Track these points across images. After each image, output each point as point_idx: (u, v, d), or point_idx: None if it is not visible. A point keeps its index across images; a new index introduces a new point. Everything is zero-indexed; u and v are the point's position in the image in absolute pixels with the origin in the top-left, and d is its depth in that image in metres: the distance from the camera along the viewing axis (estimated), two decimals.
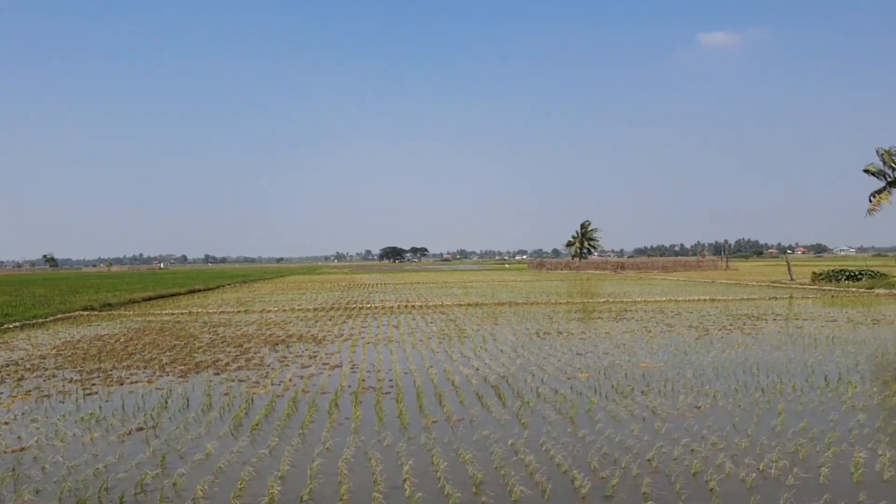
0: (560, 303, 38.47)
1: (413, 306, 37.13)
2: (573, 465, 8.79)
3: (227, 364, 17.89)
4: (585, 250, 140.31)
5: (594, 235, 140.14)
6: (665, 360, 17.33)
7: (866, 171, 58.08)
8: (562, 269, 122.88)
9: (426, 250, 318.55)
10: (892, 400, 12.25)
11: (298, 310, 36.00)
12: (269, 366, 17.52)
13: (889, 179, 56.63)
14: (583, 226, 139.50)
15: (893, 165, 55.79)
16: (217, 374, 16.53)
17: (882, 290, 44.56)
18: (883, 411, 11.41)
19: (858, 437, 9.85)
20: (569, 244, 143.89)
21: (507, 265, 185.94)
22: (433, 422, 11.30)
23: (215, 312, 35.39)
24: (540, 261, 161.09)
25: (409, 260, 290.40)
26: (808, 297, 40.42)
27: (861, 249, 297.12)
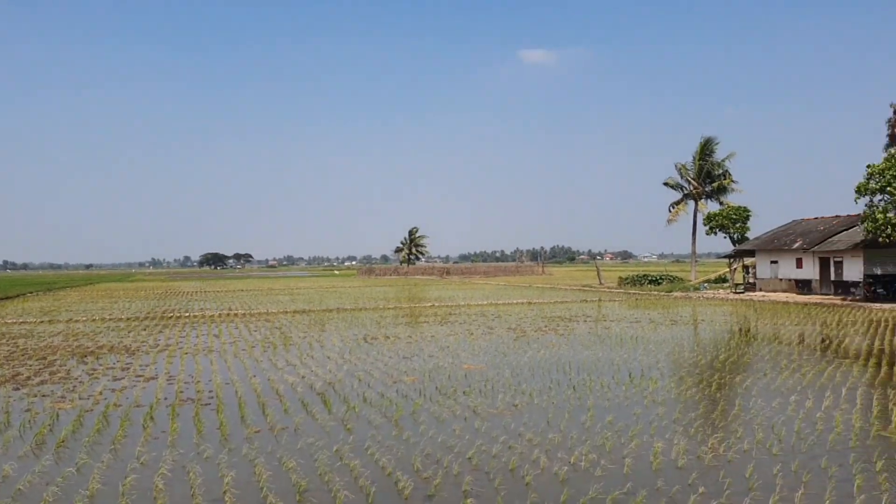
0: (388, 308, 38.78)
1: (236, 314, 35.96)
2: (397, 468, 8.91)
3: (29, 378, 16.48)
4: (413, 256, 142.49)
5: (422, 242, 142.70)
6: (486, 361, 17.98)
7: (666, 184, 63.44)
8: (391, 275, 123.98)
9: (251, 256, 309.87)
10: (686, 393, 13.46)
11: (110, 319, 33.74)
12: (76, 379, 16.31)
13: (685, 192, 62.17)
14: (411, 233, 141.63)
15: (689, 179, 61.31)
16: (17, 388, 15.19)
17: (679, 293, 48.79)
18: (679, 404, 12.51)
19: (658, 429, 10.74)
20: (397, 250, 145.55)
21: (336, 271, 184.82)
22: (256, 432, 11.03)
23: (14, 323, 32.39)
24: (369, 267, 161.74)
25: (232, 267, 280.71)
26: (615, 300, 43.43)
27: (662, 256, 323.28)
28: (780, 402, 12.53)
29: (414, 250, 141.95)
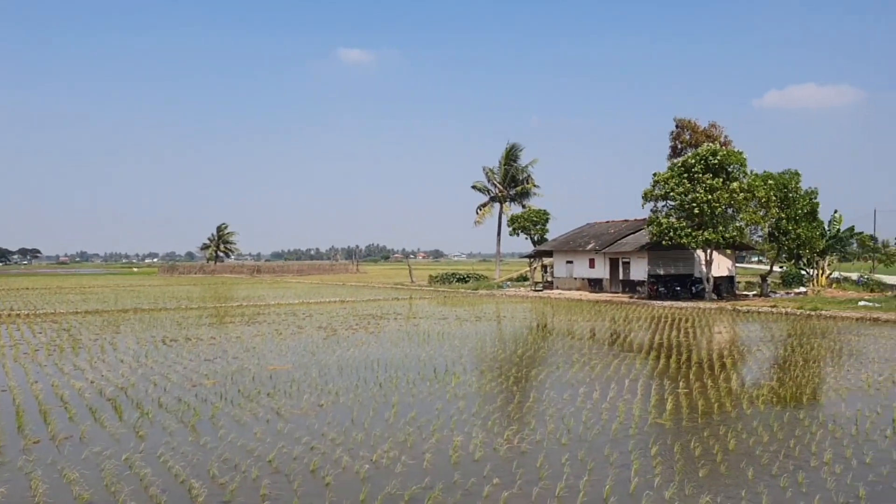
0: (191, 308, 37.03)
1: (18, 315, 32.76)
2: (192, 474, 8.52)
3: None
4: (222, 254, 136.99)
5: (231, 238, 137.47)
6: (293, 361, 17.68)
7: (474, 187, 65.75)
8: (196, 273, 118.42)
9: (39, 252, 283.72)
10: (486, 388, 14.00)
11: None
12: None
13: (492, 195, 64.78)
14: (219, 228, 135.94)
15: (496, 183, 63.94)
16: None
17: (484, 291, 50.74)
18: (479, 398, 12.99)
19: (458, 423, 11.08)
20: (204, 247, 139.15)
21: (135, 269, 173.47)
22: (35, 442, 10.12)
23: None
24: (172, 264, 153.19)
25: (16, 262, 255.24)
26: (425, 298, 44.37)
27: (471, 255, 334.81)
28: (571, 393, 13.38)
29: (222, 247, 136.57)
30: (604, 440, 10.08)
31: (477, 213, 65.47)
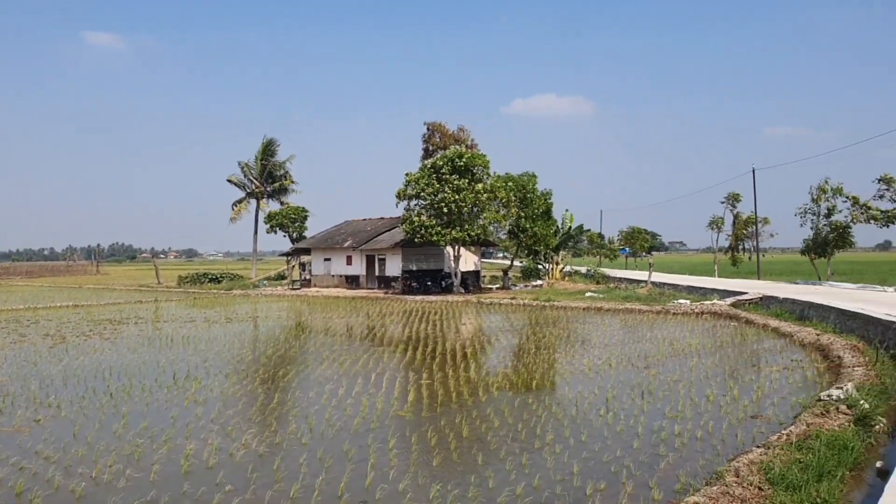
0: None
1: None
2: None
3: None
4: None
5: None
6: (9, 373, 15.81)
7: (230, 181, 63.25)
8: None
9: None
10: (229, 391, 13.49)
11: None
12: None
13: (248, 191, 62.77)
14: None
15: (252, 178, 62.06)
16: None
17: (239, 291, 49.12)
18: (219, 403, 12.46)
19: (194, 430, 10.53)
20: None
21: None
22: None
23: None
24: None
25: None
26: (172, 300, 41.95)
27: (228, 254, 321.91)
28: (317, 391, 13.30)
29: None
30: (344, 436, 10.12)
31: (233, 209, 63.06)
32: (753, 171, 50.83)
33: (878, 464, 8.44)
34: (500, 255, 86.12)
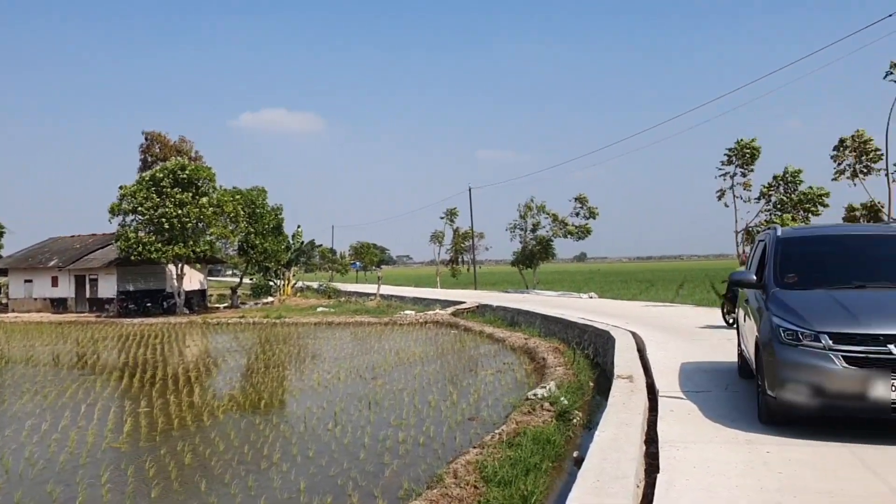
0: None
1: None
2: None
3: None
4: None
5: None
6: None
7: None
8: None
9: None
10: None
11: None
12: None
13: None
14: None
15: None
16: None
17: None
18: None
19: None
20: None
21: None
22: None
23: None
24: None
25: None
26: None
27: None
28: (15, 428, 11.92)
29: None
30: (48, 475, 9.17)
31: None
32: (469, 190, 54.65)
33: (575, 454, 9.49)
34: (230, 272, 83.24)
